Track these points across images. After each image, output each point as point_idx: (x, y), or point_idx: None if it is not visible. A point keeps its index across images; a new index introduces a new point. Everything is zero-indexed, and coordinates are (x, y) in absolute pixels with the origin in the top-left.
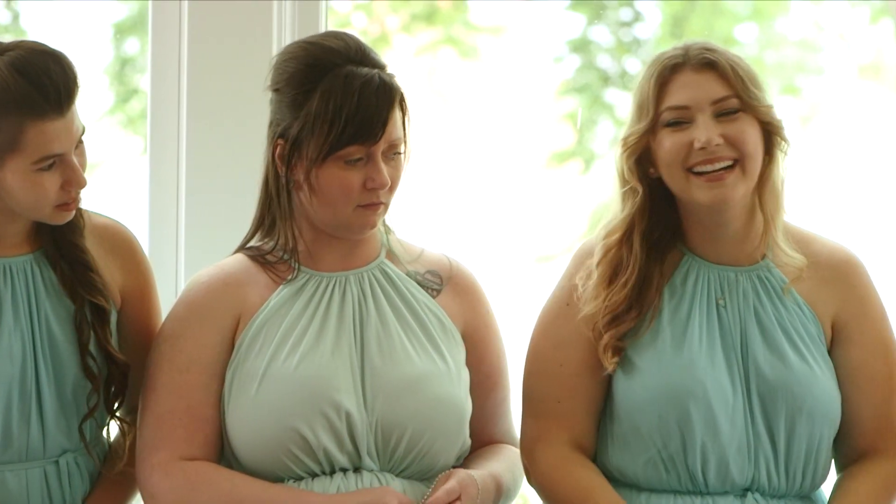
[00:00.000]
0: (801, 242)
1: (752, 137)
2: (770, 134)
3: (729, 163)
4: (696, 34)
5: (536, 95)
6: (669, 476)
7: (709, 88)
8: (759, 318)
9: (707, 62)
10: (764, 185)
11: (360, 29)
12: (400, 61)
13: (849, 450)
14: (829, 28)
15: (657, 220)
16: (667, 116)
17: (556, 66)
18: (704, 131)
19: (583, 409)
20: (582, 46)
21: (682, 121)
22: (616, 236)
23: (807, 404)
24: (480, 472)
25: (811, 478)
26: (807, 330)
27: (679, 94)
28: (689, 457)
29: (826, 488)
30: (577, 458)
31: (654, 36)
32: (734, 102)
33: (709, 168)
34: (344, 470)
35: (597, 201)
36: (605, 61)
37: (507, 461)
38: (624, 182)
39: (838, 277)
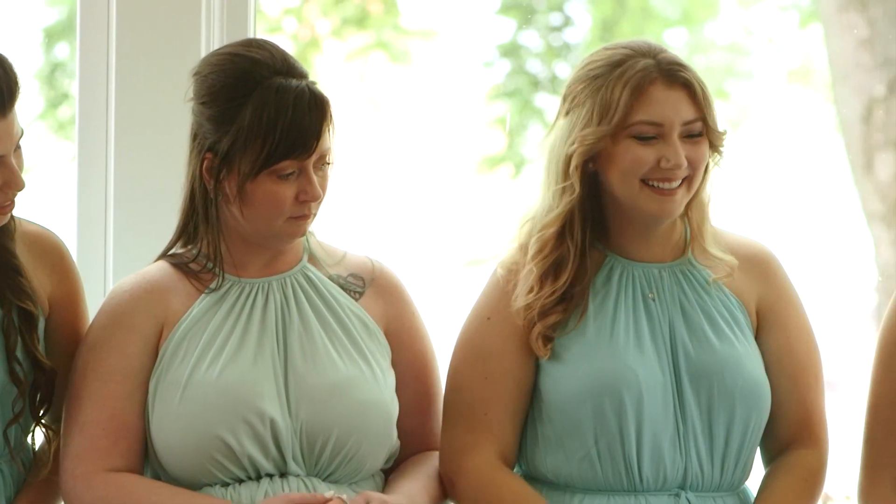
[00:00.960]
0: (717, 239)
1: (706, 159)
2: (712, 151)
3: (681, 181)
4: (626, 38)
5: (467, 100)
6: (605, 473)
7: (681, 108)
8: (685, 310)
9: (682, 81)
10: (695, 196)
11: (291, 33)
12: (330, 66)
13: (774, 441)
14: (759, 32)
15: (589, 217)
16: (639, 129)
17: (486, 71)
18: (676, 153)
19: (509, 421)
20: (512, 51)
21: (653, 136)
22: (553, 230)
23: (738, 387)
24: (397, 498)
25: (742, 469)
26: (733, 316)
27: (654, 109)
28: (625, 447)
29: (751, 484)
30: (507, 470)
31: (584, 40)
32: (699, 126)
33: (666, 185)
34: (270, 475)
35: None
36: (535, 66)
37: (434, 472)
38: (564, 177)
39: (756, 267)
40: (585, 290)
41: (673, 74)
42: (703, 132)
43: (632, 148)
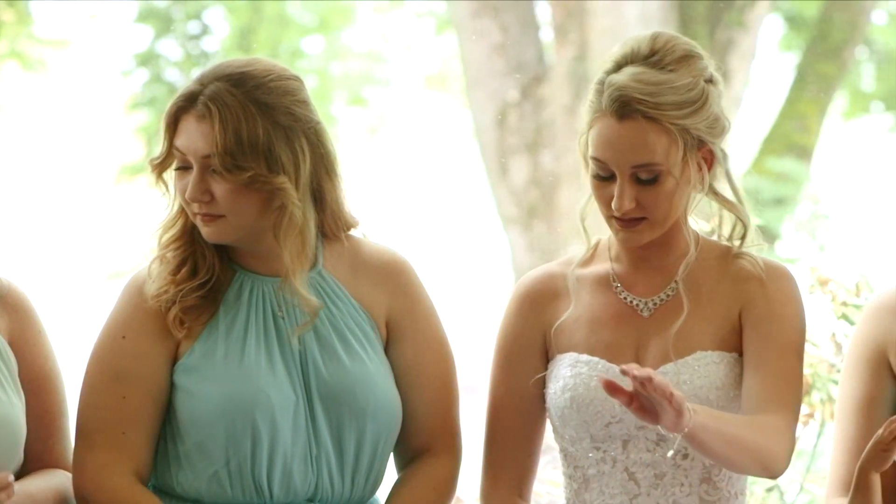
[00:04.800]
0: (352, 248)
1: (236, 202)
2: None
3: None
4: (264, 46)
5: (105, 109)
6: (234, 490)
7: (198, 142)
8: (316, 327)
9: (202, 115)
10: (280, 220)
11: None
12: None
13: (406, 449)
14: (395, 39)
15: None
16: (176, 155)
17: (124, 80)
18: (190, 184)
19: (147, 439)
20: (150, 60)
21: (182, 167)
22: (177, 229)
23: (370, 405)
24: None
25: (372, 483)
26: (363, 332)
27: (179, 138)
28: (255, 468)
29: (382, 492)
30: (142, 488)
31: (222, 48)
32: (214, 162)
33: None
34: None
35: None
36: (173, 75)
37: (55, 485)
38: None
39: (388, 277)
40: (219, 294)
41: (203, 107)
42: (215, 168)
43: (176, 174)
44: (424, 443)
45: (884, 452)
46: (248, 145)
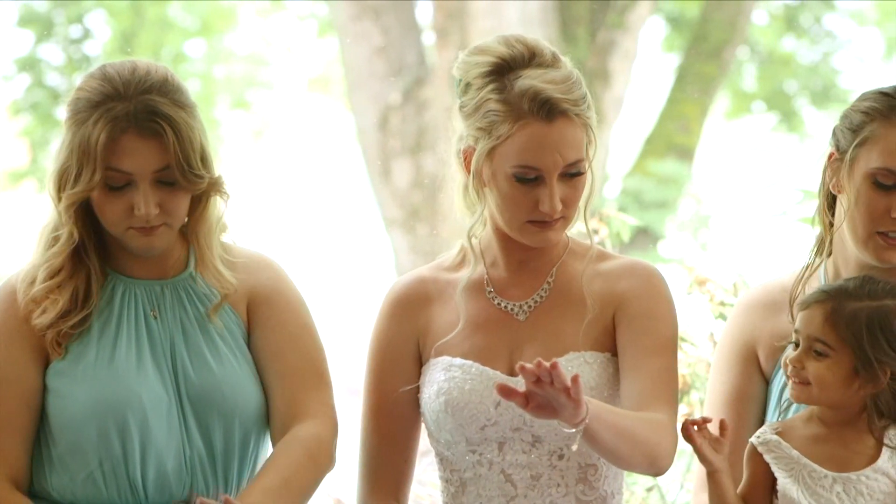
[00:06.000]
0: (228, 253)
1: (183, 207)
2: (206, 192)
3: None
4: (146, 50)
5: None
6: (109, 490)
7: (150, 159)
8: (186, 329)
9: (153, 132)
10: (200, 217)
11: None
12: None
13: (273, 426)
14: (278, 42)
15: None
16: (109, 177)
17: (5, 85)
18: (144, 202)
19: (21, 444)
20: (31, 65)
21: (123, 185)
22: (64, 256)
23: (238, 406)
24: None
25: (248, 481)
26: (231, 333)
27: (123, 160)
28: (129, 468)
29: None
30: (18, 494)
31: (104, 52)
32: (172, 175)
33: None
34: None
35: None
36: (54, 79)
37: None
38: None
39: (253, 271)
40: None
41: (146, 125)
42: (175, 181)
43: (105, 199)
44: (292, 418)
45: (693, 446)
46: (197, 149)
